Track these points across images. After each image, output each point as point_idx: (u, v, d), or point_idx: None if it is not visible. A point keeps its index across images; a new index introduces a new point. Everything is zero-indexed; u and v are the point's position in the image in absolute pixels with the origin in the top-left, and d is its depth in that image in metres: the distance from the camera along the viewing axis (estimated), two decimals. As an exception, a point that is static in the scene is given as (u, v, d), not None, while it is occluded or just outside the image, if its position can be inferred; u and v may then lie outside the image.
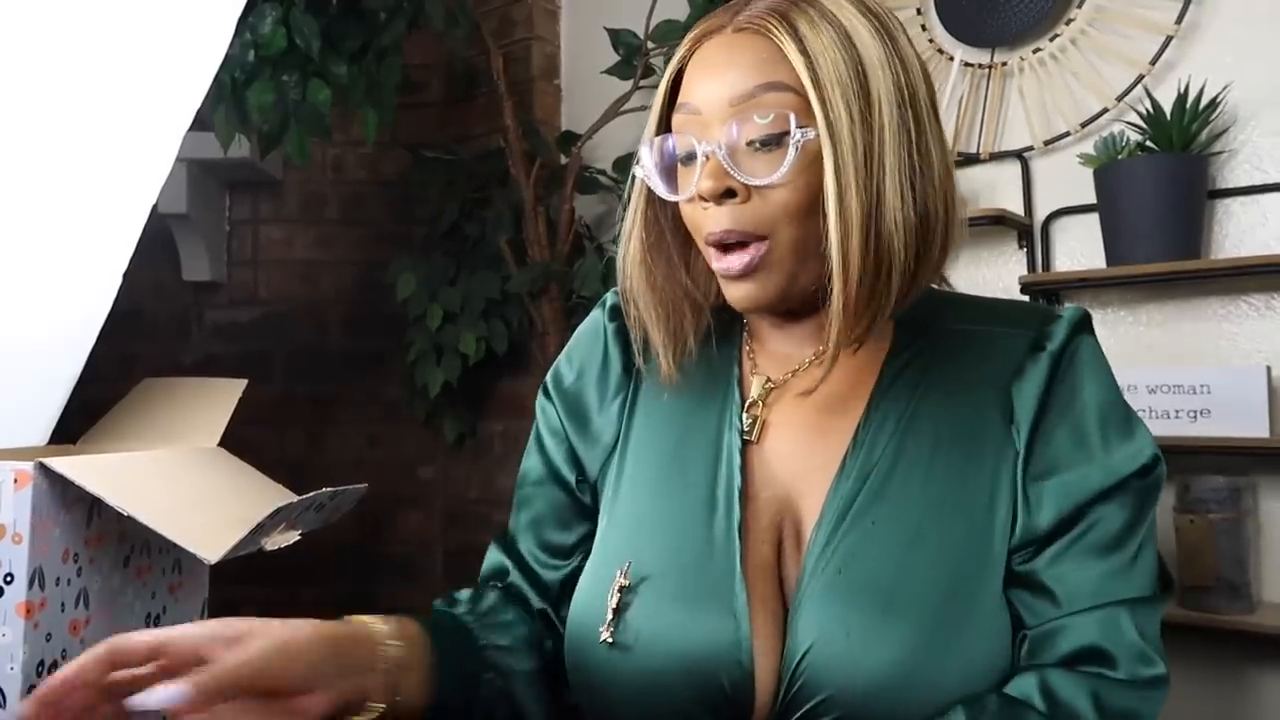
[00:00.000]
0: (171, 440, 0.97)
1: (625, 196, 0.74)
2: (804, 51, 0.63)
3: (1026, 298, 1.52)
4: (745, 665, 0.64)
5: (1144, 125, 1.43)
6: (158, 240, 2.10)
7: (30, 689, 0.71)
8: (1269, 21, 1.44)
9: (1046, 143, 1.60)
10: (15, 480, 0.71)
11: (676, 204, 0.70)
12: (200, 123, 1.17)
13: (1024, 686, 0.62)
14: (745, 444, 0.72)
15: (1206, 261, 1.41)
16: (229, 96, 1.56)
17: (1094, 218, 1.52)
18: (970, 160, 1.67)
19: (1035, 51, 1.62)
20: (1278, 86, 1.43)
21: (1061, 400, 0.67)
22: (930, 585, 0.62)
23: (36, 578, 0.71)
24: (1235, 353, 1.45)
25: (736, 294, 0.68)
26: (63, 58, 1.05)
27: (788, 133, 0.63)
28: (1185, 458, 1.41)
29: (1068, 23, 1.59)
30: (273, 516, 0.74)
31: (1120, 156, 1.45)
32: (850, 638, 0.61)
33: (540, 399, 0.83)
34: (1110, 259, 1.47)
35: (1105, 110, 1.55)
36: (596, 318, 0.82)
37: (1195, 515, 1.34)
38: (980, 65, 1.67)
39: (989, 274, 1.67)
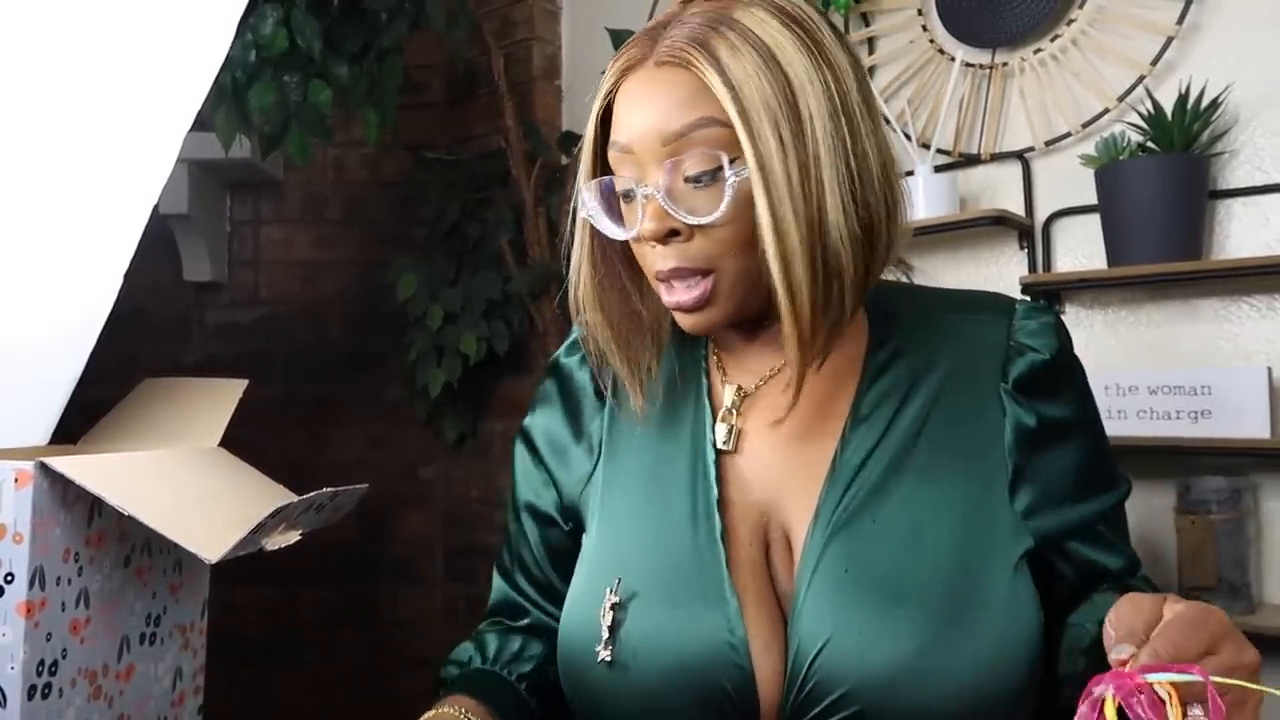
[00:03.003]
0: (172, 440, 0.97)
1: (569, 231, 0.73)
2: (728, 83, 0.61)
3: (1028, 298, 1.52)
4: (745, 667, 0.64)
5: (1145, 126, 1.43)
6: (159, 241, 2.10)
7: (30, 689, 0.71)
8: (1270, 22, 1.43)
9: (1047, 143, 1.60)
10: (16, 480, 0.71)
11: None
12: (201, 123, 1.17)
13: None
14: (722, 453, 0.72)
15: (1207, 262, 1.41)
16: (230, 97, 1.56)
17: (1095, 218, 1.51)
18: (971, 161, 1.67)
19: (1036, 52, 1.62)
20: (1278, 87, 1.43)
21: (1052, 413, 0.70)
22: (936, 577, 0.64)
23: (37, 577, 0.71)
24: (1236, 353, 1.45)
25: (689, 324, 0.68)
26: (63, 58, 1.05)
27: (721, 168, 0.62)
28: (1186, 458, 1.41)
29: (1068, 23, 1.59)
30: (273, 516, 0.74)
31: (1121, 157, 1.45)
32: (863, 635, 0.62)
33: (516, 442, 0.84)
34: (1111, 259, 1.47)
35: (1106, 111, 1.55)
36: (555, 358, 0.85)
37: (1196, 516, 1.34)
38: (981, 66, 1.67)
39: (989, 274, 1.66)
